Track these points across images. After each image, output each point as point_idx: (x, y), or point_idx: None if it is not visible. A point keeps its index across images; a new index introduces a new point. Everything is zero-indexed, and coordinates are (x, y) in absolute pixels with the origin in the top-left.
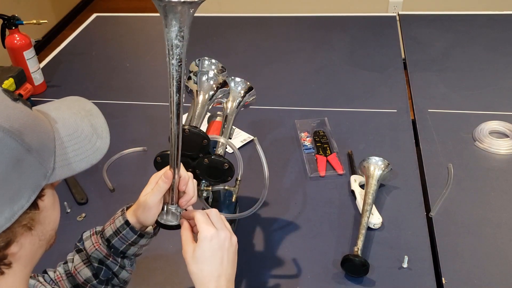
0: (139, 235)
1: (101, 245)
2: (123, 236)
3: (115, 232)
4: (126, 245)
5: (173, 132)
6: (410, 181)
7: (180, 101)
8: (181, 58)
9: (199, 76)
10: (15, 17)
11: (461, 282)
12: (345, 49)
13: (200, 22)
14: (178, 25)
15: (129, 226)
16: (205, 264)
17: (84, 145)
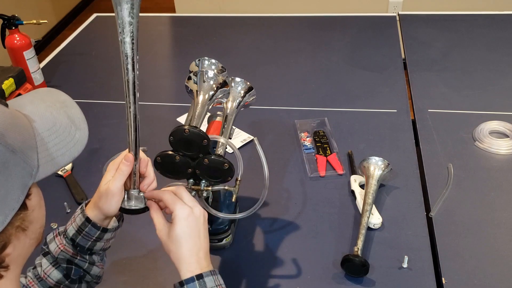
0: (102, 230)
1: (66, 246)
2: (86, 233)
3: (78, 230)
4: (91, 242)
5: (131, 112)
6: (410, 181)
7: (135, 80)
8: (133, 36)
9: (199, 76)
10: (15, 17)
11: (461, 282)
12: (345, 49)
13: (200, 22)
14: (130, 3)
15: (90, 223)
16: (184, 241)
17: (64, 138)
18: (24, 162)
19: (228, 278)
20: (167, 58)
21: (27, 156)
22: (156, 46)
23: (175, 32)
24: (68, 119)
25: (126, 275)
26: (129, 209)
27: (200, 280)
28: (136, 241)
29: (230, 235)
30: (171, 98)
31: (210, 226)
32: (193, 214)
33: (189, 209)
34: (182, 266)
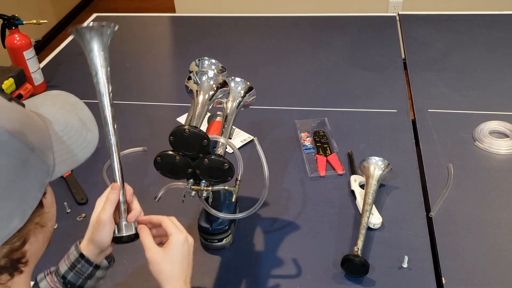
0: (94, 267)
1: (56, 283)
2: (78, 270)
3: (70, 267)
4: (82, 279)
5: (113, 143)
6: (410, 181)
7: (113, 114)
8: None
9: (199, 76)
10: (15, 17)
11: (461, 282)
12: (345, 49)
13: (200, 22)
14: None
15: (84, 259)
16: (179, 263)
17: (76, 140)
18: (41, 160)
19: (228, 278)
20: (167, 58)
21: (44, 155)
22: (156, 46)
23: (175, 32)
24: (79, 121)
25: (125, 277)
26: (121, 237)
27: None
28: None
29: (230, 235)
30: (171, 98)
31: (210, 226)
32: (188, 241)
33: (185, 236)
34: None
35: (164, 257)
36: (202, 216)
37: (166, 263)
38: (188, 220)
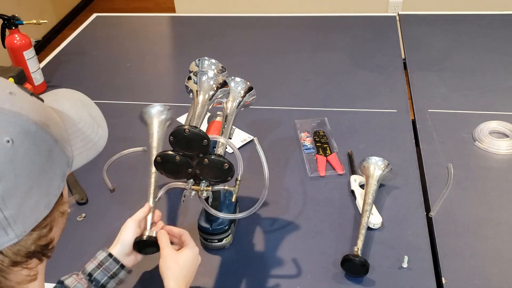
0: (120, 266)
1: (83, 279)
2: (106, 267)
3: (98, 265)
4: (107, 277)
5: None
6: (410, 181)
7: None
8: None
9: (199, 76)
10: (15, 17)
11: (461, 282)
12: (345, 49)
13: (200, 22)
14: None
15: (112, 258)
16: (183, 267)
17: (89, 134)
18: (63, 152)
19: (228, 278)
20: (167, 58)
21: (64, 147)
22: (156, 46)
23: (175, 32)
24: (90, 116)
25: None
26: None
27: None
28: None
29: (230, 235)
30: (171, 98)
31: (210, 226)
32: (198, 258)
33: (197, 251)
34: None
35: (175, 257)
36: (202, 216)
37: (175, 263)
38: (188, 220)
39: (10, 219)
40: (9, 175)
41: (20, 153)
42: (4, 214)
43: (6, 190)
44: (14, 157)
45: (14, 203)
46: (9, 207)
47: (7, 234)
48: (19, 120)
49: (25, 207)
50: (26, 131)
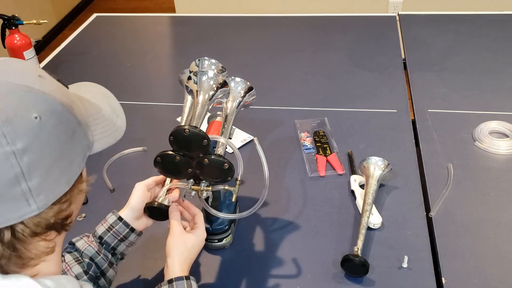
0: (130, 229)
1: (93, 242)
2: (116, 231)
3: (108, 228)
4: (117, 240)
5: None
6: (410, 181)
7: None
8: None
9: (199, 76)
10: (15, 17)
11: (461, 282)
12: (345, 49)
13: (200, 22)
14: None
15: (121, 221)
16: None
17: (108, 123)
18: (84, 135)
19: (228, 278)
20: (167, 58)
21: (85, 130)
22: (156, 46)
23: (175, 32)
24: (110, 107)
25: (125, 275)
26: (152, 206)
27: (188, 281)
28: (136, 241)
29: (230, 235)
30: (171, 98)
31: (210, 226)
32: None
33: (205, 237)
34: (177, 265)
35: (184, 238)
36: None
37: (183, 244)
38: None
39: (33, 190)
40: (35, 148)
41: (47, 130)
42: (28, 185)
43: (31, 162)
44: (40, 132)
45: (38, 175)
46: (33, 179)
47: (29, 205)
48: (47, 99)
49: (48, 180)
50: (53, 110)
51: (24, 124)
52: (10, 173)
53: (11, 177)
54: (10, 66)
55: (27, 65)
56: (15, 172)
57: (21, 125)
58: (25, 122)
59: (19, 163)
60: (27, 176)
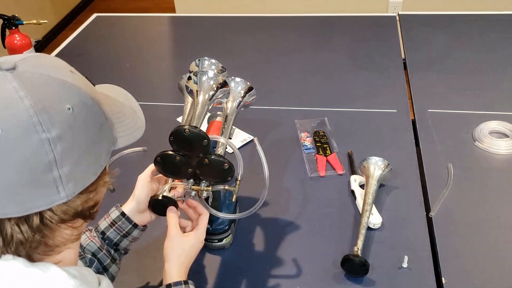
0: (133, 225)
1: (95, 237)
2: (118, 226)
3: (111, 223)
4: (120, 236)
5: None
6: (410, 181)
7: None
8: None
9: (199, 76)
10: (15, 17)
11: (461, 282)
12: (345, 49)
13: (200, 22)
14: None
15: (124, 217)
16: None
17: (129, 122)
18: (110, 130)
19: (228, 278)
20: (167, 58)
21: (111, 126)
22: (156, 46)
23: (175, 32)
24: (131, 108)
25: (125, 275)
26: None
27: (186, 285)
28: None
29: (230, 235)
30: (171, 98)
31: (210, 226)
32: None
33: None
34: (175, 270)
35: (182, 242)
36: None
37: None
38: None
39: (64, 178)
40: (68, 137)
41: (78, 120)
42: (59, 173)
43: (64, 150)
44: (73, 123)
45: (69, 164)
46: (64, 167)
47: (59, 193)
48: (79, 92)
49: (78, 169)
50: (84, 103)
51: (59, 114)
52: (45, 159)
53: (45, 163)
54: (44, 61)
55: (59, 61)
56: (49, 159)
57: (56, 115)
58: (59, 112)
59: (53, 150)
60: (59, 164)
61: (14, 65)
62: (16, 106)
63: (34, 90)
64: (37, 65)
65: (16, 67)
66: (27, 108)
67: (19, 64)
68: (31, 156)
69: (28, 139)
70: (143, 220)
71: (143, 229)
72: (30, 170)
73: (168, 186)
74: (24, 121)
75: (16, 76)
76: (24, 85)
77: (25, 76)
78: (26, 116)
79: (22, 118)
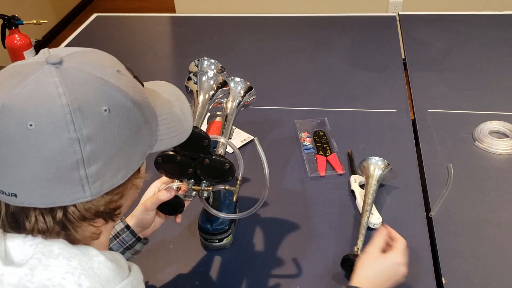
0: (137, 238)
1: None
2: (122, 239)
3: (115, 236)
4: (122, 249)
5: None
6: (410, 181)
7: None
8: None
9: (199, 76)
10: (15, 17)
11: (461, 282)
12: (345, 49)
13: (200, 22)
14: None
15: (129, 230)
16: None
17: (175, 125)
18: (149, 133)
19: (228, 278)
20: (167, 58)
21: (152, 129)
22: (156, 46)
23: (175, 32)
24: (180, 110)
25: None
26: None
27: None
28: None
29: (230, 235)
30: None
31: (210, 226)
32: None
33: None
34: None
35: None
36: (203, 216)
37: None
38: (188, 220)
39: (90, 178)
40: (99, 139)
41: (113, 123)
42: (86, 172)
43: (93, 151)
44: (107, 124)
45: (97, 164)
46: (92, 167)
47: (84, 191)
48: (119, 94)
49: (105, 171)
50: (122, 105)
51: (93, 115)
52: (72, 158)
53: (72, 162)
54: (92, 58)
55: (108, 59)
56: (76, 158)
57: (90, 115)
58: (94, 113)
59: (82, 150)
60: (86, 164)
61: (61, 60)
62: (53, 102)
63: (73, 88)
64: (83, 62)
65: (62, 62)
66: (63, 105)
67: (65, 59)
68: (59, 153)
69: (58, 136)
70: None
71: (145, 243)
72: (57, 167)
73: (175, 186)
74: (57, 119)
75: (59, 72)
76: (64, 82)
77: (68, 73)
78: (60, 114)
79: (56, 115)
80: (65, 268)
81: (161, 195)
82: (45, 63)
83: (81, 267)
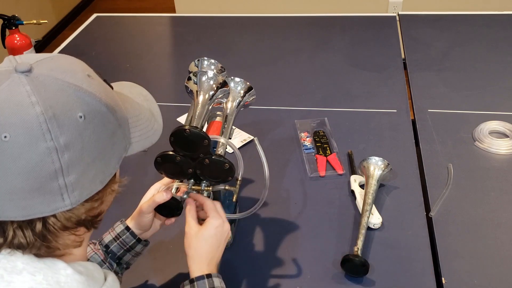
0: (137, 240)
1: (99, 250)
2: (122, 240)
3: (115, 237)
4: (123, 251)
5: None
6: (410, 181)
7: None
8: None
9: (199, 76)
10: (15, 17)
11: (461, 282)
12: (345, 49)
13: (200, 22)
14: None
15: (129, 231)
16: (207, 244)
17: (146, 126)
18: (123, 137)
19: (228, 278)
20: (167, 58)
21: (125, 132)
22: (156, 46)
23: (175, 32)
24: (149, 111)
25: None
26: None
27: (209, 279)
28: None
29: (230, 235)
30: (171, 98)
31: None
32: (223, 227)
33: (221, 221)
34: (196, 265)
35: (197, 234)
36: None
37: (197, 241)
38: None
39: (69, 186)
40: (77, 146)
41: (89, 129)
42: (65, 181)
43: (71, 159)
44: (84, 131)
45: (76, 172)
46: (70, 175)
47: (63, 200)
48: (93, 100)
49: (84, 178)
50: (97, 111)
51: (69, 122)
52: (51, 167)
53: (51, 172)
54: (61, 63)
55: (77, 64)
56: (55, 168)
57: (67, 123)
58: (70, 120)
59: (60, 159)
60: (65, 172)
61: (30, 68)
62: (26, 111)
63: (46, 96)
64: (53, 68)
65: (32, 70)
66: (37, 114)
67: (35, 66)
68: (37, 163)
69: (35, 146)
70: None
71: (146, 244)
72: (35, 177)
73: (175, 187)
74: (33, 128)
75: (30, 80)
76: (37, 90)
77: (39, 80)
78: (36, 123)
79: (31, 124)
80: (29, 284)
81: (157, 197)
82: (13, 71)
83: (46, 281)
